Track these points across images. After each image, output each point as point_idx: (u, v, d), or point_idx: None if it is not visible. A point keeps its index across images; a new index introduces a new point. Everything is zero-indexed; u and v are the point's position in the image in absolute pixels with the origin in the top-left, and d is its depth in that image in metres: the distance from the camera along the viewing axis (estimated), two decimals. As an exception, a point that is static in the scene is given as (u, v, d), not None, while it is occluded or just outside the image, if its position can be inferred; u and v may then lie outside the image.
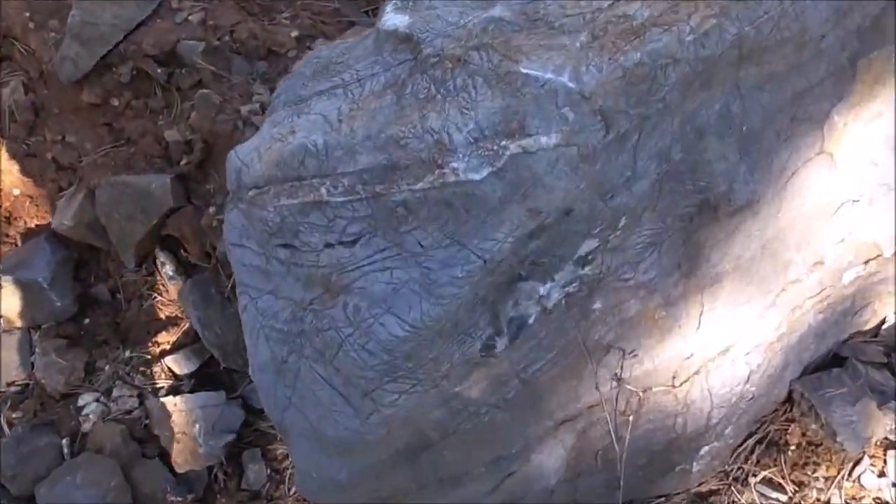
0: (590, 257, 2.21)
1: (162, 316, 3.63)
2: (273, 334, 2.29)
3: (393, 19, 2.24)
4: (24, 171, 3.75)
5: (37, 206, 3.82)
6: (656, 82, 1.99)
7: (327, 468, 2.40)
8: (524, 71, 1.97)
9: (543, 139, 1.94)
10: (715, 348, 2.63)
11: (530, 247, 2.09)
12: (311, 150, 2.10)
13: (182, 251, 3.65)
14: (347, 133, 2.11)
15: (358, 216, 2.07)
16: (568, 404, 2.55)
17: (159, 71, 3.58)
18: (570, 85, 1.94)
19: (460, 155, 1.95)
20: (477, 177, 1.95)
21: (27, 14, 3.66)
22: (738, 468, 2.97)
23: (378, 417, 2.19)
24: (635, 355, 2.53)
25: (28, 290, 3.57)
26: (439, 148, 1.98)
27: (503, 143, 1.95)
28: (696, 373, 2.63)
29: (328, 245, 2.12)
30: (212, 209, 3.48)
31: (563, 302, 2.29)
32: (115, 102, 3.65)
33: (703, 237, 2.38)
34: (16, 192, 3.82)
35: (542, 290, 2.22)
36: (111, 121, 3.67)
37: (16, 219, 3.86)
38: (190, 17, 3.69)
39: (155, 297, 3.64)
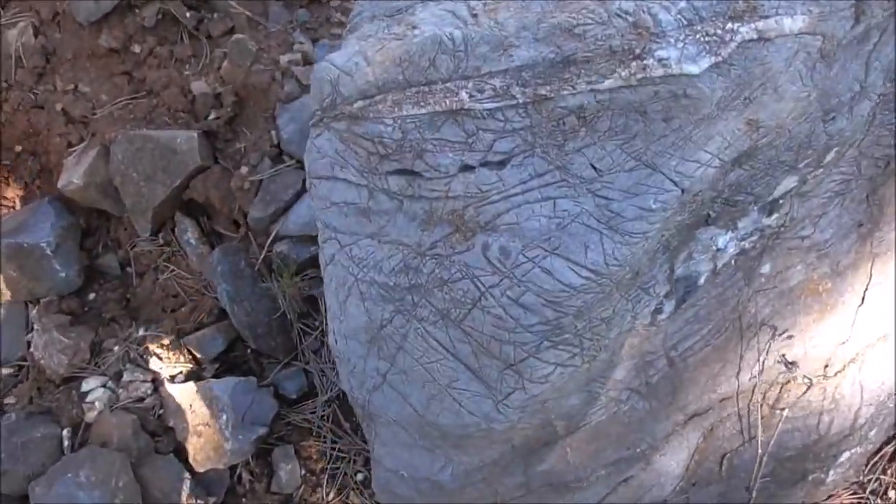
0: (781, 201, 1.62)
1: (181, 291, 2.91)
2: (373, 290, 1.63)
3: None
4: (29, 124, 3.02)
5: (41, 164, 3.09)
6: None
7: (426, 466, 1.74)
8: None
9: (787, 21, 1.34)
10: (875, 333, 2.03)
11: (731, 177, 1.48)
12: (446, 45, 1.47)
13: (206, 218, 2.97)
14: (492, 26, 1.48)
15: (511, 128, 1.44)
16: (703, 395, 1.93)
17: (188, 15, 2.92)
18: None
19: (671, 40, 1.34)
20: (695, 69, 1.34)
21: (37, -54, 2.97)
22: (876, 479, 2.37)
23: (520, 398, 1.54)
24: (789, 336, 1.93)
25: (28, 258, 2.83)
26: (639, 33, 1.36)
27: (730, 26, 1.35)
28: (852, 361, 2.04)
29: (466, 168, 1.48)
30: (244, 169, 2.81)
31: (734, 261, 1.69)
32: (137, 49, 2.96)
33: (890, 191, 1.81)
34: (18, 148, 3.09)
35: (721, 242, 1.61)
36: (131, 69, 2.98)
37: (17, 179, 3.12)
38: (226, -43, 3.04)
39: (173, 270, 2.93)
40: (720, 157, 1.43)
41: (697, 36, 1.36)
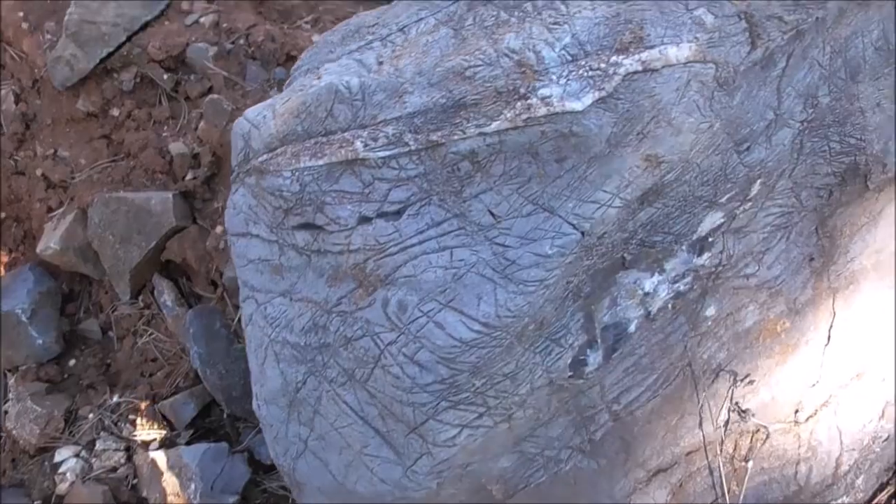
0: (710, 239, 1.56)
1: (158, 355, 2.95)
2: (286, 351, 1.62)
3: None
4: (11, 191, 3.14)
5: (24, 230, 3.20)
6: None
7: (354, 536, 1.70)
8: (639, -30, 1.37)
9: (672, 50, 1.32)
10: (847, 372, 1.94)
11: (640, 216, 1.44)
12: (343, 94, 1.48)
13: (184, 279, 3.01)
14: (391, 73, 1.49)
15: (405, 176, 1.43)
16: (665, 448, 1.85)
17: (165, 77, 3.01)
18: None
19: (554, 77, 1.33)
20: (579, 106, 1.32)
21: (21, 14, 3.11)
22: (875, 533, 2.23)
23: (428, 464, 1.50)
24: (751, 381, 1.85)
25: (4, 325, 2.91)
26: (523, 72, 1.35)
27: (614, 59, 1.33)
28: (825, 405, 1.94)
29: (364, 219, 1.47)
30: (219, 229, 2.86)
31: (671, 305, 1.64)
32: (115, 112, 3.06)
33: (841, 221, 1.74)
34: (2, 214, 3.21)
35: (648, 286, 1.56)
36: (110, 133, 3.08)
37: (1, 246, 3.23)
38: (202, 19, 3.14)
39: (151, 333, 2.97)
40: (621, 197, 1.40)
41: (581, 71, 1.34)
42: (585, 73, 1.33)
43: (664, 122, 1.36)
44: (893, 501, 2.25)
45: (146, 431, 2.78)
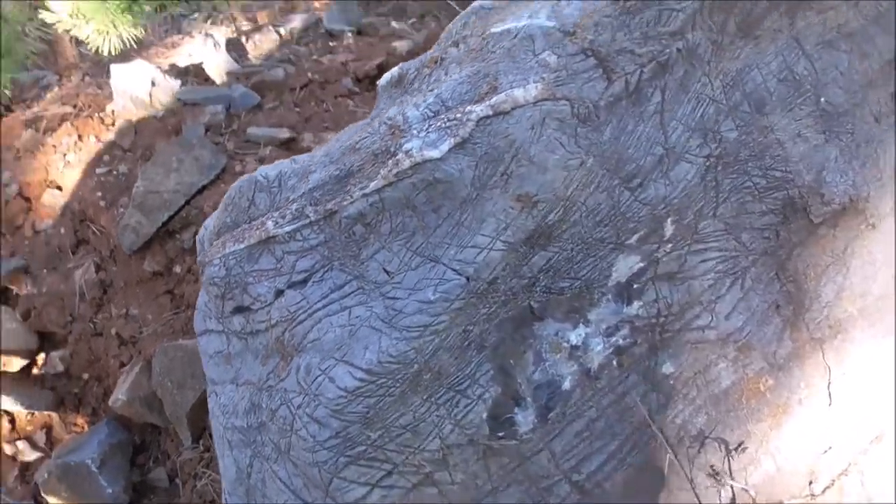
0: (635, 286, 1.56)
1: (215, 496, 3.07)
2: (235, 437, 1.70)
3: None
4: (91, 352, 3.47)
5: (104, 388, 3.50)
6: (665, 6, 1.44)
7: None
8: (495, 30, 1.49)
9: (518, 92, 1.40)
10: (863, 435, 1.79)
11: (536, 261, 1.47)
12: (262, 183, 1.65)
13: (237, 420, 3.16)
14: (306, 159, 1.65)
15: (309, 246, 1.55)
16: (659, 534, 1.75)
17: (220, 232, 3.32)
18: (548, 24, 1.43)
19: (415, 132, 1.43)
20: (436, 153, 1.41)
21: (99, 193, 3.57)
22: None
23: (350, 528, 1.51)
24: (744, 448, 1.75)
25: (75, 476, 3.13)
26: (392, 133, 1.47)
27: (468, 108, 1.43)
28: (845, 473, 1.78)
29: (278, 293, 1.58)
30: (264, 366, 3.02)
31: (615, 362, 1.61)
32: (177, 269, 3.39)
33: (802, 263, 1.68)
34: (85, 375, 3.54)
35: (574, 339, 1.56)
36: (172, 288, 3.39)
37: (85, 405, 3.54)
38: (253, 178, 3.48)
39: (209, 475, 3.11)
40: (502, 240, 1.44)
41: (439, 123, 1.43)
42: (443, 125, 1.43)
43: (525, 160, 1.42)
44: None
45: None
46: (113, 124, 3.75)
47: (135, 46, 4.94)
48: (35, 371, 3.57)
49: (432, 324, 1.44)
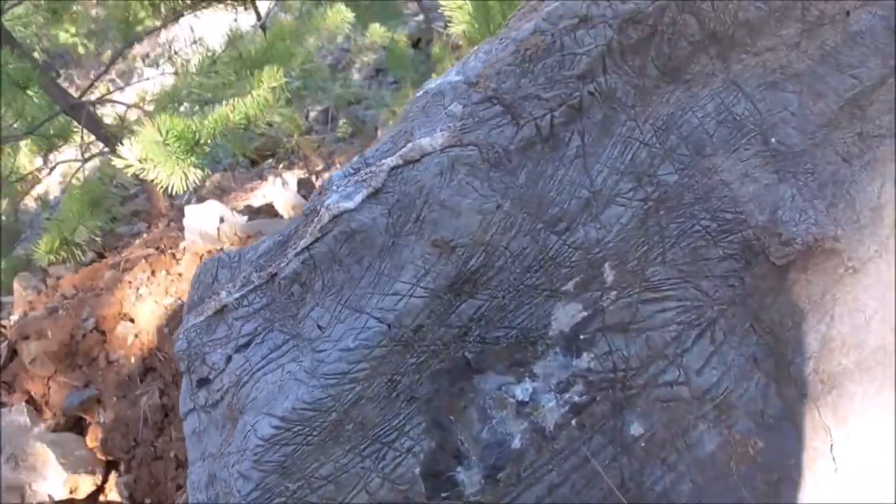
0: (582, 337, 1.53)
1: None
2: (200, 514, 1.73)
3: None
4: (152, 475, 3.59)
5: (162, 512, 3.58)
6: (566, 51, 1.48)
7: None
8: (417, 94, 1.57)
9: (425, 141, 1.45)
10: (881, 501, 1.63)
11: (464, 308, 1.48)
12: (224, 260, 1.74)
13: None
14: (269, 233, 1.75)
15: (253, 310, 1.61)
16: None
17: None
18: (456, 79, 1.50)
19: (335, 188, 1.51)
20: (351, 204, 1.47)
21: (164, 322, 3.79)
22: None
23: None
24: (734, 525, 1.62)
25: None
26: (320, 193, 1.55)
27: (382, 160, 1.49)
28: (852, 552, 1.62)
29: (228, 358, 1.64)
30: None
31: (574, 422, 1.56)
32: (231, 390, 3.51)
33: (778, 313, 1.60)
34: (147, 501, 3.64)
35: (520, 393, 1.53)
36: (226, 409, 3.50)
37: (144, 531, 3.62)
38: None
39: None
40: (422, 286, 1.46)
41: (357, 177, 1.50)
42: (360, 179, 1.50)
43: (436, 205, 1.45)
44: None
45: None
46: (182, 259, 4.01)
47: (215, 191, 5.34)
48: (102, 498, 3.69)
49: (350, 371, 1.46)
